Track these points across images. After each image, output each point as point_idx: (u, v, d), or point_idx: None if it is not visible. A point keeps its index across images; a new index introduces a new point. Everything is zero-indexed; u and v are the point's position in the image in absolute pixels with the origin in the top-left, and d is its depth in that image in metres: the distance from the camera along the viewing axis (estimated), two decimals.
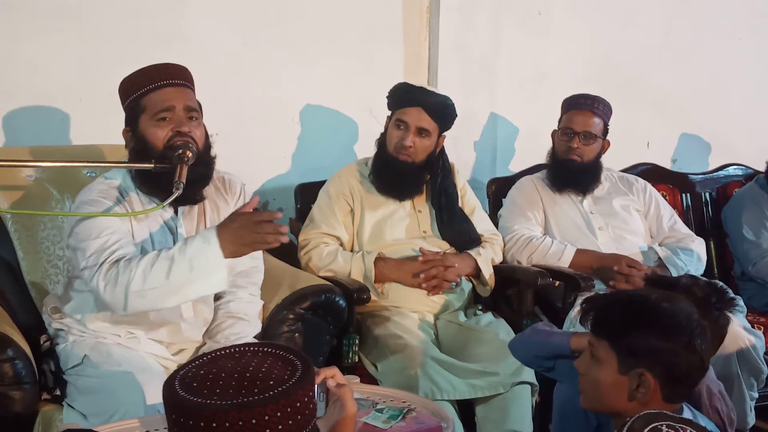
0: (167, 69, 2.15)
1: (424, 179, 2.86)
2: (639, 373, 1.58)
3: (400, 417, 1.87)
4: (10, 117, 2.84)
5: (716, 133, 4.26)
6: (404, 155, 2.76)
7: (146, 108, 2.11)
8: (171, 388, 1.14)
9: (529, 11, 3.73)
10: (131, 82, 2.15)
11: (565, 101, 3.17)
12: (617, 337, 1.62)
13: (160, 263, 1.95)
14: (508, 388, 2.43)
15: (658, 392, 1.58)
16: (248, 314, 2.26)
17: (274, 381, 1.14)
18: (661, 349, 1.57)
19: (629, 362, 1.59)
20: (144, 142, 2.10)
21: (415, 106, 2.74)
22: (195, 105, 2.16)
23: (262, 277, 2.37)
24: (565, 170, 3.12)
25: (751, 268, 3.29)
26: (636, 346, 1.59)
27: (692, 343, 1.57)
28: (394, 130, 2.78)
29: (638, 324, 1.60)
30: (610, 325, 1.65)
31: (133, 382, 1.97)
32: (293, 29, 3.30)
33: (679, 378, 1.59)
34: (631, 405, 1.59)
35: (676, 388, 1.60)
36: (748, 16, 4.26)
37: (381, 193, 2.83)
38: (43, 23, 2.84)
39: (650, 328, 1.59)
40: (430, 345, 2.54)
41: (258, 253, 2.36)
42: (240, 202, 2.35)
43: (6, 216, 2.45)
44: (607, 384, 1.62)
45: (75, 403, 2.05)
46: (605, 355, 1.63)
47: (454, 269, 2.74)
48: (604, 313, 1.67)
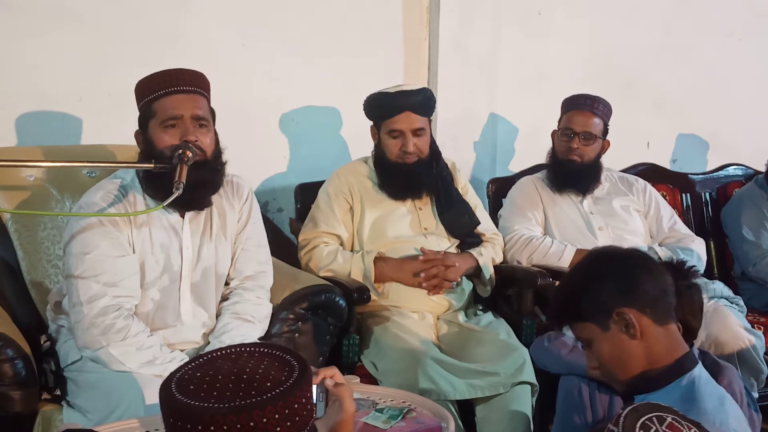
0: (180, 75, 2.16)
1: (433, 171, 2.85)
2: (614, 318, 1.63)
3: (400, 417, 1.87)
4: (10, 117, 2.84)
5: (716, 133, 4.26)
6: (410, 158, 2.76)
7: (156, 113, 2.13)
8: (168, 390, 1.14)
9: (529, 11, 3.73)
10: (145, 86, 2.17)
11: (565, 101, 3.17)
12: (576, 311, 1.68)
13: (141, 352, 2.04)
14: (508, 388, 2.42)
15: (643, 318, 1.62)
16: (255, 316, 2.26)
17: (271, 382, 1.14)
18: (610, 286, 1.64)
19: (602, 317, 1.64)
20: (152, 146, 2.13)
21: (402, 112, 2.73)
22: (204, 113, 2.16)
23: (270, 282, 2.38)
24: (565, 170, 3.12)
25: (751, 268, 3.29)
26: (593, 302, 1.65)
27: (630, 262, 1.67)
28: (390, 141, 2.77)
29: (577, 289, 1.69)
30: (563, 310, 1.74)
31: (132, 381, 1.97)
32: (293, 29, 3.30)
33: (648, 296, 1.63)
34: (637, 346, 1.62)
35: (656, 306, 1.63)
36: (748, 16, 4.26)
37: (397, 198, 2.81)
38: (43, 23, 2.84)
39: (589, 282, 1.68)
40: (430, 345, 2.54)
41: (266, 257, 2.39)
42: (246, 207, 2.36)
43: (6, 216, 2.46)
44: (610, 349, 1.65)
45: (75, 400, 2.06)
46: (587, 333, 1.68)
47: (455, 268, 2.74)
48: (553, 309, 1.80)
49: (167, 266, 2.20)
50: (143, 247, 2.15)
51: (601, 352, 1.67)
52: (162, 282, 2.19)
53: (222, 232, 2.29)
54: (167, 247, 2.20)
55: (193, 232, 2.24)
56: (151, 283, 2.18)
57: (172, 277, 2.21)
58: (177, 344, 2.22)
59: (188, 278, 2.23)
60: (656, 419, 1.32)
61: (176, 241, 2.22)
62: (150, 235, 2.17)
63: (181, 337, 2.22)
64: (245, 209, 2.36)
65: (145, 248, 2.16)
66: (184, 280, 2.22)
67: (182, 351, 2.21)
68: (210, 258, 2.26)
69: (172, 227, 2.22)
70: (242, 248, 2.33)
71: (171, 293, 2.21)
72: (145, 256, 2.17)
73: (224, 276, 2.31)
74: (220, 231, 2.29)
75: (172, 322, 2.20)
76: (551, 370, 2.25)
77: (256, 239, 2.37)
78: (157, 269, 2.19)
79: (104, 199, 2.16)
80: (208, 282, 2.26)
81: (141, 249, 2.14)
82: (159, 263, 2.19)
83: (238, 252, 2.33)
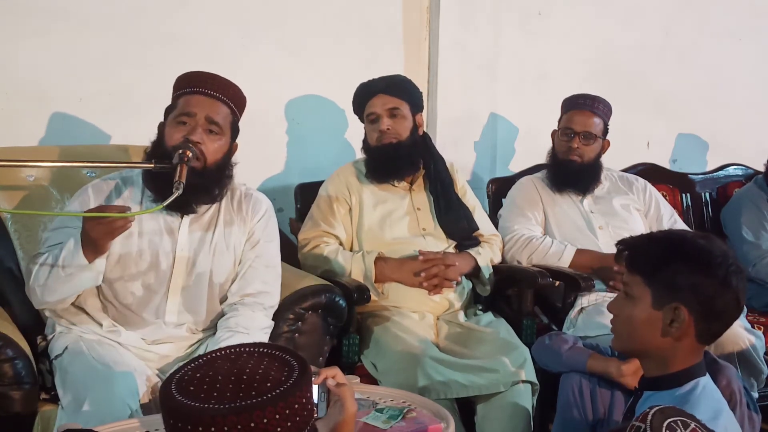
0: (212, 79, 2.21)
1: (417, 158, 2.87)
2: (674, 307, 1.59)
3: (400, 417, 1.87)
4: (10, 117, 2.84)
5: (716, 133, 4.26)
6: (387, 139, 2.79)
7: (175, 107, 2.18)
8: (168, 391, 1.14)
9: (528, 11, 3.73)
10: (178, 81, 2.24)
11: (565, 101, 3.17)
12: (653, 271, 1.62)
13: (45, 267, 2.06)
14: (508, 387, 2.42)
15: (692, 328, 1.60)
16: (248, 328, 2.20)
17: (271, 383, 1.14)
18: (698, 283, 1.58)
19: (664, 297, 1.60)
20: (161, 137, 2.17)
21: (376, 95, 2.81)
22: (220, 120, 2.17)
23: (273, 302, 2.32)
24: (565, 170, 3.12)
25: (751, 269, 3.29)
26: (672, 280, 1.60)
27: (728, 279, 1.59)
28: (369, 126, 2.84)
29: (675, 258, 1.61)
30: (646, 260, 1.65)
31: (104, 377, 1.98)
32: (293, 29, 3.30)
33: (714, 315, 1.60)
34: (665, 341, 1.61)
35: (710, 325, 1.61)
36: (748, 16, 4.27)
37: (380, 181, 2.85)
38: (43, 23, 2.85)
39: (687, 263, 1.60)
40: (430, 345, 2.54)
41: (273, 278, 2.33)
42: (261, 224, 2.33)
43: (6, 216, 2.46)
44: (641, 320, 1.63)
45: (59, 394, 2.06)
46: (639, 292, 1.64)
47: (455, 267, 2.74)
48: (641, 249, 1.68)
49: (154, 264, 2.19)
50: (128, 239, 2.13)
51: (632, 317, 1.65)
52: (147, 278, 2.18)
53: (224, 243, 2.27)
54: (156, 244, 2.19)
55: (191, 235, 2.23)
56: (131, 276, 2.17)
57: (159, 275, 2.19)
58: (154, 342, 2.21)
59: (179, 280, 2.21)
60: (681, 423, 1.34)
61: (170, 240, 2.21)
62: (138, 228, 2.17)
63: (164, 332, 2.21)
64: (259, 227, 2.32)
65: (129, 240, 2.15)
66: (174, 281, 2.21)
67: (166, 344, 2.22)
68: (206, 264, 2.24)
69: (168, 226, 2.21)
70: (250, 265, 2.29)
71: (156, 291, 2.19)
72: (128, 248, 2.16)
73: (219, 286, 2.27)
74: (222, 240, 2.27)
75: (151, 320, 2.20)
76: (552, 369, 2.25)
77: (266, 259, 2.32)
78: (141, 264, 2.18)
79: (96, 192, 2.20)
80: (200, 288, 2.24)
81: (122, 240, 2.10)
82: (144, 258, 2.18)
83: (245, 268, 2.29)
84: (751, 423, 1.99)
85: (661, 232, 1.81)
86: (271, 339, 2.29)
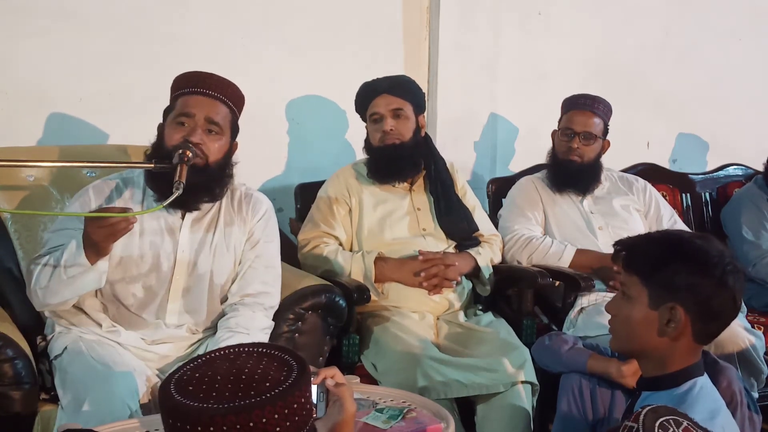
0: (209, 79, 2.20)
1: (419, 159, 2.87)
2: (670, 307, 1.59)
3: (400, 417, 1.87)
4: (10, 117, 2.84)
5: (716, 133, 4.26)
6: (390, 140, 2.78)
7: (174, 108, 2.18)
8: (167, 391, 1.14)
9: (529, 11, 3.73)
10: (176, 81, 2.24)
11: (565, 101, 3.17)
12: (650, 271, 1.63)
13: (47, 269, 2.05)
14: (508, 387, 2.42)
15: (689, 328, 1.60)
16: (248, 328, 2.20)
17: (270, 383, 1.14)
18: (694, 284, 1.58)
19: (661, 297, 1.60)
20: (161, 138, 2.17)
21: (380, 95, 2.80)
22: (219, 120, 2.17)
23: (274, 302, 2.32)
24: (565, 170, 3.12)
25: (751, 269, 3.29)
26: (668, 280, 1.60)
27: (725, 279, 1.58)
28: (372, 126, 2.84)
29: (671, 258, 1.62)
30: (642, 260, 1.66)
31: (104, 377, 1.98)
32: (293, 29, 3.30)
33: (711, 315, 1.60)
34: (662, 341, 1.61)
35: (707, 325, 1.61)
36: (748, 16, 4.27)
37: (382, 181, 2.85)
38: (43, 23, 2.85)
39: (684, 263, 1.60)
40: (430, 345, 2.53)
41: (273, 278, 2.33)
42: (260, 225, 2.33)
43: (6, 216, 2.46)
44: (638, 320, 1.63)
45: (59, 394, 2.06)
46: (636, 292, 1.64)
47: (455, 267, 2.74)
48: (638, 250, 1.68)
49: (155, 265, 2.19)
50: (129, 239, 2.12)
51: (629, 317, 1.65)
52: (148, 280, 2.18)
53: (224, 243, 2.27)
54: (157, 246, 2.19)
55: (192, 236, 2.23)
56: (133, 278, 2.17)
57: (160, 276, 2.19)
58: (154, 342, 2.21)
59: (180, 281, 2.21)
60: (673, 422, 1.34)
61: (171, 241, 2.21)
62: (140, 228, 2.16)
63: (160, 335, 2.21)
64: (259, 227, 2.32)
65: (130, 241, 2.15)
66: (175, 283, 2.21)
67: (165, 344, 2.22)
68: (206, 265, 2.24)
69: (169, 227, 2.21)
70: (250, 266, 2.29)
71: (157, 293, 2.20)
72: (130, 250, 2.16)
73: (220, 287, 2.27)
74: (222, 241, 2.27)
75: (152, 320, 2.20)
76: (552, 369, 2.25)
77: (266, 259, 2.32)
78: (143, 266, 2.18)
79: (97, 193, 2.19)
80: (201, 289, 2.24)
81: (123, 241, 2.09)
82: (145, 260, 2.18)
83: (245, 269, 2.29)
84: (752, 424, 1.98)
85: (658, 233, 1.82)
86: (271, 339, 2.29)
